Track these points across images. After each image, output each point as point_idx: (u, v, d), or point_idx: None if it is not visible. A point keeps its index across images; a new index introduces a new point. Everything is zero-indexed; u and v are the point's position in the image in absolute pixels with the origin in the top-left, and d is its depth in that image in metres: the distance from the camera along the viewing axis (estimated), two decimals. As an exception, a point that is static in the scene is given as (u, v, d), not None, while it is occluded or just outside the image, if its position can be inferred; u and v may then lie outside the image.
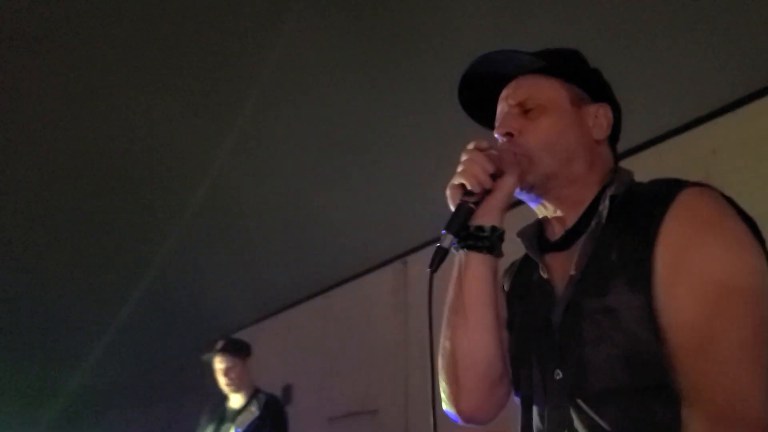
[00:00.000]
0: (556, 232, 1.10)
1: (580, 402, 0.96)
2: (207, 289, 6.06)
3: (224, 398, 3.54)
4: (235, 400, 3.47)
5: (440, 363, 1.10)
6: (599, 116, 1.09)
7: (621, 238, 0.97)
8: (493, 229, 1.08)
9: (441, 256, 1.06)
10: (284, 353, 6.34)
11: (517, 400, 1.12)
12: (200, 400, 4.05)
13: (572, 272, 1.01)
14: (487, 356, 1.07)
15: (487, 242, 1.08)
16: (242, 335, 7.32)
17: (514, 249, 1.19)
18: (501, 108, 1.12)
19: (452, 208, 1.11)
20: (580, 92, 1.10)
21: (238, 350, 3.52)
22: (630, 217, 0.98)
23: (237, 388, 3.44)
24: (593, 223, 1.03)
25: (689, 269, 0.90)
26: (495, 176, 1.07)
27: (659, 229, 0.93)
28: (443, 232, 1.08)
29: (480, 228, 1.08)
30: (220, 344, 3.57)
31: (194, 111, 3.60)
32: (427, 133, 3.75)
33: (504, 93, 1.12)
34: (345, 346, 5.60)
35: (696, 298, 0.89)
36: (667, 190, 0.98)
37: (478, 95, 1.15)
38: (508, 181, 1.07)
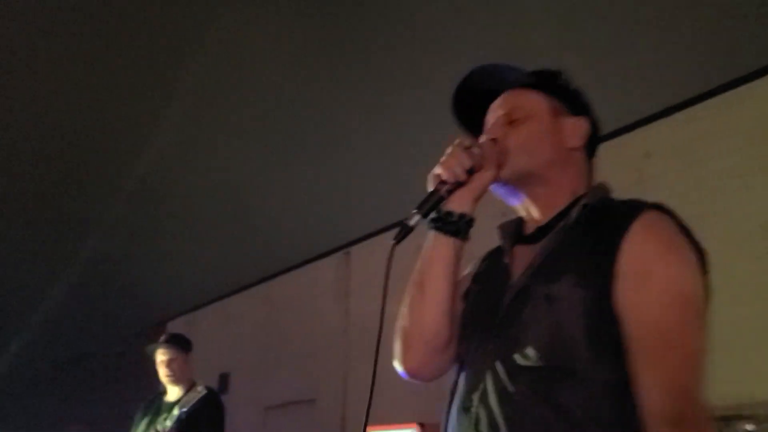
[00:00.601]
0: (530, 229, 1.24)
1: (498, 369, 1.09)
2: (144, 275, 5.95)
3: (159, 394, 3.57)
4: (173, 393, 3.50)
5: (396, 324, 1.24)
6: (577, 127, 1.23)
7: (583, 242, 1.11)
8: (462, 215, 1.19)
9: (405, 232, 1.17)
10: (222, 341, 6.28)
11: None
12: (135, 387, 4.00)
13: (531, 262, 1.14)
14: (435, 328, 1.20)
15: (453, 227, 1.19)
16: (180, 322, 7.23)
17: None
18: (489, 117, 1.26)
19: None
20: (560, 105, 1.24)
21: (180, 343, 3.59)
22: (596, 226, 1.11)
23: (176, 381, 3.48)
24: (562, 223, 1.16)
25: (655, 279, 1.04)
26: (472, 171, 1.18)
27: (622, 241, 1.05)
28: (414, 210, 1.18)
29: (449, 213, 1.19)
30: (163, 337, 3.66)
31: (130, 91, 3.50)
32: (373, 125, 3.77)
33: (493, 105, 1.26)
34: (284, 336, 5.59)
35: (662, 304, 1.03)
36: (632, 209, 1.10)
37: (470, 108, 1.29)
38: (484, 176, 1.18)
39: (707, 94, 3.37)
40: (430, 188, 1.18)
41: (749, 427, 2.83)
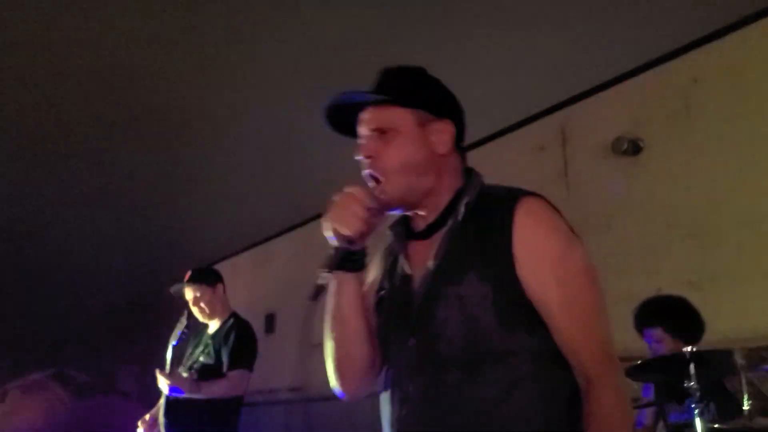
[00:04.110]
0: (419, 225, 1.33)
1: (427, 363, 1.19)
2: (188, 219, 6.06)
3: (206, 326, 3.49)
4: (212, 327, 3.42)
5: (326, 357, 1.38)
6: (442, 132, 1.29)
7: (475, 237, 1.22)
8: (361, 251, 1.30)
9: (318, 291, 1.28)
10: (266, 283, 6.41)
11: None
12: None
13: (430, 263, 1.24)
14: (360, 352, 1.33)
15: (358, 264, 1.31)
16: (224, 265, 7.37)
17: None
18: (361, 130, 1.32)
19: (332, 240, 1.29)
20: (423, 114, 1.29)
21: (204, 278, 3.45)
22: (482, 220, 1.23)
23: (210, 316, 3.40)
24: (450, 221, 1.26)
25: (545, 257, 1.17)
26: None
27: (511, 230, 1.18)
28: (323, 271, 1.27)
29: (352, 253, 1.29)
30: (187, 275, 3.52)
31: (182, 41, 3.50)
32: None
33: (362, 116, 1.32)
34: (327, 276, 5.65)
35: (557, 279, 1.16)
36: (509, 199, 1.21)
37: (341, 114, 1.36)
38: (380, 218, 1.29)
39: (757, 15, 3.22)
40: (334, 242, 1.26)
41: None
